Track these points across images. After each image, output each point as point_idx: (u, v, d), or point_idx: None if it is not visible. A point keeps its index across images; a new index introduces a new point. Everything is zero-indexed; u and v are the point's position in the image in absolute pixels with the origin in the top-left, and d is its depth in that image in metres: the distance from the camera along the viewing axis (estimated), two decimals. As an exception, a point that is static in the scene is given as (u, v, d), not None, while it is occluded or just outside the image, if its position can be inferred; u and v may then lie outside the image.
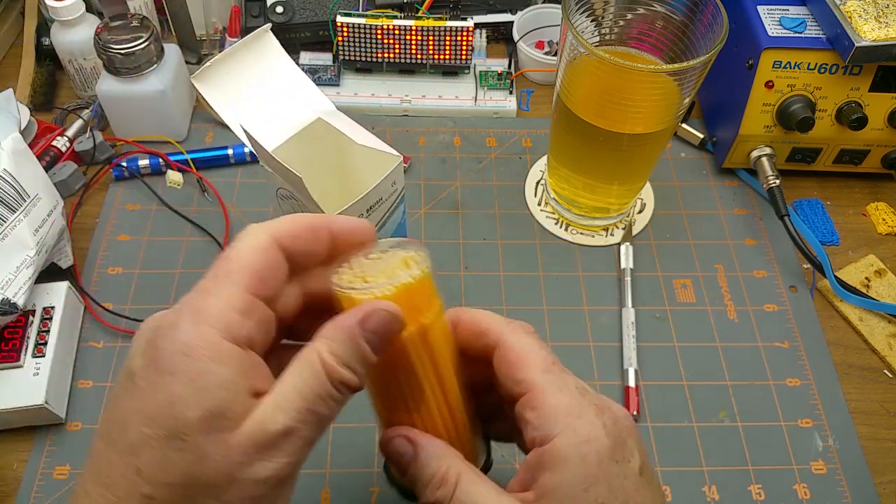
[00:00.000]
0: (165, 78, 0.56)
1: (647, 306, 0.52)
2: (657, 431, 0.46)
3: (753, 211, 0.58)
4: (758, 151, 0.56)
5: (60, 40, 0.58)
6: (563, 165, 0.53)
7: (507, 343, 0.30)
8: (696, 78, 0.44)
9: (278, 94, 0.42)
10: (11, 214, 0.45)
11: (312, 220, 0.29)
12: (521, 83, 0.66)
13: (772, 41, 0.52)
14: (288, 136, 0.42)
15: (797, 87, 0.53)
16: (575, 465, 0.28)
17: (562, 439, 0.28)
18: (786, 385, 0.49)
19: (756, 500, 0.44)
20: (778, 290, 0.53)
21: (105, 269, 0.52)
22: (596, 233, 0.56)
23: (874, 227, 0.58)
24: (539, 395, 0.29)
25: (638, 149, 0.49)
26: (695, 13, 0.45)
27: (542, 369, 0.30)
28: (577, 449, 0.28)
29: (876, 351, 0.51)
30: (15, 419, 0.44)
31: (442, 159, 0.60)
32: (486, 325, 0.31)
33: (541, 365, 0.30)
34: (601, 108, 0.47)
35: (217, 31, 0.64)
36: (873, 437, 0.47)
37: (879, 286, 0.54)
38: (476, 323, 0.31)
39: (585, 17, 0.48)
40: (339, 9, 0.62)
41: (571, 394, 0.29)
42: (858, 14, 0.50)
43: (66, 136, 0.58)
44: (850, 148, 0.57)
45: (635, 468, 0.29)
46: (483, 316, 0.31)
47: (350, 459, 0.44)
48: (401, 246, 0.29)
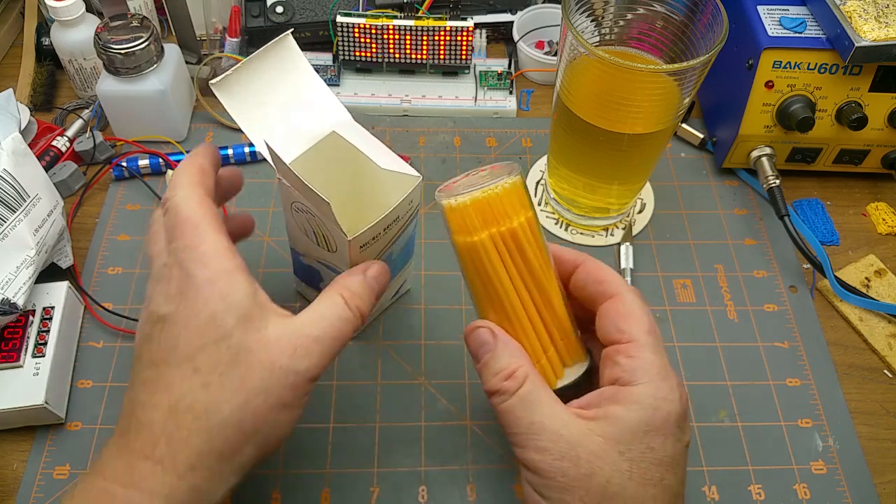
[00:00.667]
0: (165, 78, 0.56)
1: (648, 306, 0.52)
2: (657, 431, 0.46)
3: (753, 211, 0.58)
4: (758, 151, 0.56)
5: (60, 40, 0.58)
6: (563, 165, 0.53)
7: (624, 297, 0.36)
8: (696, 78, 0.44)
9: (298, 104, 0.41)
10: (11, 214, 0.45)
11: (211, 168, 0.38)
12: (521, 83, 0.66)
13: (772, 41, 0.52)
14: (304, 149, 0.41)
15: (797, 87, 0.53)
16: (645, 411, 0.32)
17: (644, 388, 0.33)
18: (786, 385, 0.49)
19: (756, 500, 0.44)
20: (778, 290, 0.53)
21: (105, 269, 0.52)
22: (596, 233, 0.56)
23: (874, 227, 0.58)
24: (637, 348, 0.34)
25: (638, 149, 0.49)
26: (695, 13, 0.45)
27: (647, 330, 0.35)
28: (654, 401, 0.33)
29: (876, 351, 0.51)
30: (15, 419, 0.44)
31: (442, 159, 0.60)
32: (606, 276, 0.36)
33: (646, 326, 0.35)
34: (601, 108, 0.47)
35: (217, 31, 0.64)
36: (873, 437, 0.47)
37: (879, 286, 0.54)
38: (598, 270, 0.37)
39: (585, 17, 0.48)
40: (339, 9, 0.62)
41: (664, 361, 0.34)
42: (858, 14, 0.50)
43: (66, 136, 0.58)
44: (850, 148, 0.57)
45: (686, 441, 0.34)
46: (605, 268, 0.37)
47: (350, 459, 0.45)
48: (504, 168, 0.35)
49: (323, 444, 0.45)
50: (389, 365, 0.48)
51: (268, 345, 0.32)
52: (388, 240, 0.41)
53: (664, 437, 0.32)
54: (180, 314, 0.32)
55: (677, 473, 0.33)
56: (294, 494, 0.43)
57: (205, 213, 0.34)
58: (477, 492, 0.44)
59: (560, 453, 0.32)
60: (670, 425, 0.32)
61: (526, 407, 0.33)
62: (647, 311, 0.35)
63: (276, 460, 0.44)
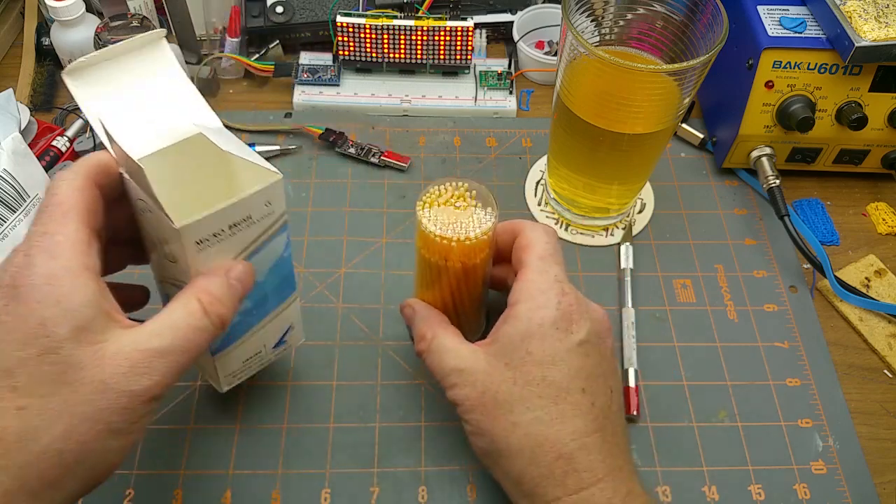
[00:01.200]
0: (165, 78, 0.56)
1: (647, 306, 0.52)
2: (657, 431, 0.46)
3: (753, 211, 0.58)
4: (758, 151, 0.56)
5: (60, 40, 0.58)
6: (563, 165, 0.53)
7: (525, 232, 0.40)
8: (696, 78, 0.44)
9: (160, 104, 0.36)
10: (11, 214, 0.45)
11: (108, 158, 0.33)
12: (521, 83, 0.66)
13: (772, 41, 0.52)
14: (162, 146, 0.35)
15: (797, 87, 0.53)
16: (521, 322, 0.37)
17: (523, 304, 0.37)
18: (786, 385, 0.49)
19: (756, 500, 0.44)
20: (778, 290, 0.53)
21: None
22: (596, 233, 0.56)
23: (874, 227, 0.58)
24: (524, 272, 0.38)
25: (638, 149, 0.49)
26: (695, 13, 0.45)
27: (539, 255, 0.38)
28: (528, 312, 0.37)
29: (876, 351, 0.51)
30: (15, 419, 0.44)
31: (442, 159, 0.60)
32: (520, 224, 0.41)
33: (539, 251, 0.38)
34: (601, 108, 0.47)
35: (217, 31, 0.64)
36: (873, 437, 0.47)
37: (879, 286, 0.54)
38: (517, 225, 0.41)
39: (585, 17, 0.48)
40: (339, 9, 0.62)
41: (547, 277, 0.38)
42: (858, 14, 0.50)
43: (66, 136, 0.58)
44: (850, 148, 0.57)
45: (575, 339, 0.37)
46: (524, 221, 0.41)
47: (350, 459, 0.45)
48: (483, 196, 0.40)
49: (323, 444, 0.45)
50: (389, 365, 0.48)
51: (102, 360, 0.28)
52: (241, 247, 0.35)
53: (541, 340, 0.36)
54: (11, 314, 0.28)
55: (561, 369, 0.36)
56: (294, 494, 0.43)
57: (79, 200, 0.30)
58: (477, 492, 0.44)
59: (463, 382, 0.37)
60: (546, 328, 0.36)
61: (438, 356, 0.39)
62: (545, 239, 0.39)
63: (275, 460, 0.44)
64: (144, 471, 0.43)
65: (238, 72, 0.65)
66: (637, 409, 0.47)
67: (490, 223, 0.40)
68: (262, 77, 0.64)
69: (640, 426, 0.47)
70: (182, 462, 0.44)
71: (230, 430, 0.45)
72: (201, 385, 0.47)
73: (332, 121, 0.61)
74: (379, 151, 0.59)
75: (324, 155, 0.60)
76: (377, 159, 0.59)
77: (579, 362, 0.36)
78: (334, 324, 0.50)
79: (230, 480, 0.43)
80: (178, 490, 0.43)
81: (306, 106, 0.63)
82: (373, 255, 0.54)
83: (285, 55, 0.65)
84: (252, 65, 0.63)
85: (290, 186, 0.57)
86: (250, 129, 0.61)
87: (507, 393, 0.36)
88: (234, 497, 0.43)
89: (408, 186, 0.58)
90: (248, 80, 0.66)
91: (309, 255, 0.53)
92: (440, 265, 0.40)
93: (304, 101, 0.63)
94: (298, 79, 0.63)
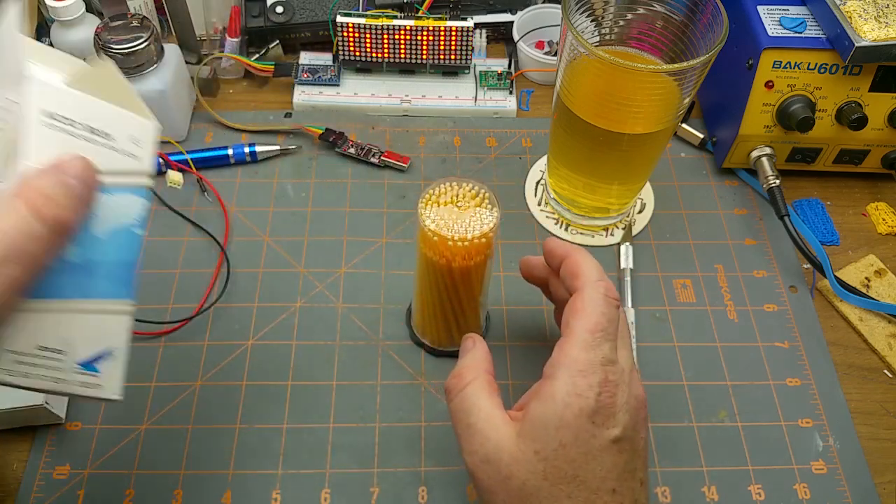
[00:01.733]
0: (165, 78, 0.56)
1: (647, 306, 0.52)
2: (657, 431, 0.46)
3: (753, 211, 0.58)
4: (758, 151, 0.56)
5: (60, 40, 0.58)
6: (563, 165, 0.53)
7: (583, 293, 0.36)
8: (696, 78, 0.44)
9: None
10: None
11: None
12: (521, 83, 0.66)
13: (772, 41, 0.52)
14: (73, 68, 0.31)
15: (797, 87, 0.53)
16: (556, 406, 0.33)
17: (560, 383, 0.33)
18: (786, 385, 0.49)
19: (756, 500, 0.44)
20: (778, 290, 0.53)
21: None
22: (596, 233, 0.56)
23: (874, 227, 0.58)
24: (568, 343, 0.35)
25: (638, 149, 0.49)
26: (695, 13, 0.45)
27: (589, 328, 0.35)
28: (566, 396, 0.33)
29: (876, 351, 0.51)
30: (15, 419, 0.44)
31: (442, 159, 0.60)
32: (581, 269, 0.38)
33: (591, 323, 0.35)
34: (601, 108, 0.47)
35: (217, 31, 0.64)
36: (873, 437, 0.47)
37: (879, 286, 0.54)
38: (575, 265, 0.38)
39: (585, 17, 0.48)
40: (339, 9, 0.62)
41: (593, 357, 0.34)
42: (858, 14, 0.50)
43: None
44: (850, 148, 0.57)
45: (611, 435, 0.33)
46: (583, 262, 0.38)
47: (350, 459, 0.45)
48: (487, 197, 0.40)
49: (323, 444, 0.45)
50: (389, 365, 0.48)
51: None
52: None
53: (576, 433, 0.33)
54: None
55: (594, 469, 0.33)
56: (294, 494, 0.43)
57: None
58: (477, 492, 0.44)
59: (486, 456, 0.34)
60: (582, 420, 0.33)
61: (465, 408, 0.35)
62: (601, 309, 0.35)
63: (275, 460, 0.44)
64: (144, 471, 0.43)
65: (238, 72, 0.65)
66: (637, 409, 0.47)
67: (491, 223, 0.40)
68: (262, 77, 0.64)
69: (640, 426, 0.47)
70: (182, 462, 0.44)
71: (230, 430, 0.45)
72: (201, 385, 0.47)
73: (332, 121, 0.61)
74: (379, 151, 0.59)
75: (324, 155, 0.60)
76: (377, 159, 0.59)
77: (612, 460, 0.34)
78: (334, 324, 0.50)
79: (230, 480, 0.43)
80: (178, 490, 0.43)
81: (306, 106, 0.63)
82: (373, 255, 0.54)
83: (285, 55, 0.65)
84: (252, 65, 0.63)
85: (290, 186, 0.58)
86: (250, 129, 0.61)
87: (535, 487, 0.33)
88: (234, 497, 0.43)
89: (408, 186, 0.58)
90: (248, 80, 0.66)
91: (309, 255, 0.53)
92: (441, 264, 0.41)
93: (304, 101, 0.63)
94: (298, 79, 0.63)
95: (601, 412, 0.33)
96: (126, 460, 0.44)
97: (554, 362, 0.35)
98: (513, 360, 0.49)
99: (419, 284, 0.45)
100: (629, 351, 0.37)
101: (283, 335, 0.49)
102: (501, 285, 0.52)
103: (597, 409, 0.33)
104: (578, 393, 0.33)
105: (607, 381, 0.34)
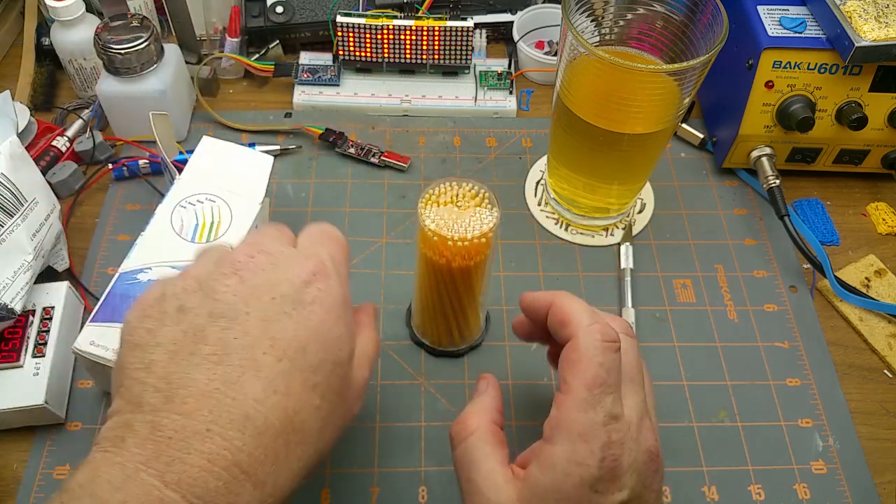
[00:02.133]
0: (165, 78, 0.56)
1: (647, 306, 0.52)
2: (657, 431, 0.46)
3: (753, 211, 0.58)
4: (758, 151, 0.56)
5: (60, 40, 0.58)
6: (563, 165, 0.53)
7: (578, 342, 0.33)
8: (696, 78, 0.44)
9: None
10: (9, 219, 0.45)
11: None
12: (521, 83, 0.66)
13: (772, 41, 0.52)
14: None
15: (797, 87, 0.53)
16: (556, 476, 0.31)
17: (561, 449, 0.31)
18: (786, 385, 0.49)
19: (756, 500, 0.44)
20: (778, 290, 0.53)
21: (105, 269, 0.52)
22: (596, 233, 0.56)
23: (874, 227, 0.58)
24: (567, 402, 0.32)
25: (638, 149, 0.49)
26: (695, 13, 0.45)
27: (587, 383, 0.32)
28: (566, 465, 0.31)
29: (876, 351, 0.51)
30: (15, 419, 0.44)
31: (442, 159, 0.60)
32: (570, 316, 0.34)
33: (588, 378, 0.32)
34: (601, 108, 0.47)
35: (217, 31, 0.64)
36: (873, 437, 0.47)
37: (879, 286, 0.54)
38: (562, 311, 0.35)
39: (585, 17, 0.48)
40: (339, 9, 0.62)
41: (594, 416, 0.31)
42: (858, 14, 0.50)
43: (66, 136, 0.58)
44: (850, 148, 0.57)
45: (615, 500, 0.31)
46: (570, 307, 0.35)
47: (350, 459, 0.45)
48: (486, 197, 0.41)
49: (323, 444, 0.45)
50: (390, 365, 0.48)
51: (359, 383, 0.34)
52: None
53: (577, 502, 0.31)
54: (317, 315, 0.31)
55: None
56: (294, 494, 0.43)
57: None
58: (477, 492, 0.44)
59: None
60: (584, 490, 0.31)
61: (467, 460, 0.34)
62: (598, 359, 0.32)
63: (276, 460, 0.44)
64: (144, 471, 0.43)
65: (238, 72, 0.65)
66: (637, 409, 0.47)
67: (491, 223, 0.40)
68: (262, 77, 0.64)
69: (640, 426, 0.47)
70: (182, 462, 0.44)
71: (230, 430, 0.45)
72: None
73: (332, 121, 0.61)
74: (379, 151, 0.59)
75: (324, 155, 0.60)
76: (377, 159, 0.59)
77: None
78: (334, 324, 0.50)
79: (230, 480, 0.43)
80: (178, 490, 0.43)
81: (306, 106, 0.63)
82: (373, 255, 0.54)
83: (285, 55, 0.65)
84: (252, 65, 0.63)
85: (291, 186, 0.58)
86: (250, 129, 0.61)
87: None
88: (234, 497, 0.43)
89: (408, 186, 0.58)
90: (248, 80, 0.66)
91: (309, 255, 0.53)
92: (441, 264, 0.41)
93: (304, 101, 0.63)
94: (298, 79, 0.63)
95: (605, 479, 0.31)
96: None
97: (552, 423, 0.32)
98: (513, 360, 0.49)
99: (419, 284, 0.45)
100: (640, 395, 0.34)
101: (283, 335, 0.49)
102: (501, 285, 0.52)
103: (599, 476, 0.30)
104: (579, 461, 0.31)
105: (611, 444, 0.31)
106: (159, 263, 0.45)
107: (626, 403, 0.32)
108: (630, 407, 0.33)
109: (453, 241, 0.39)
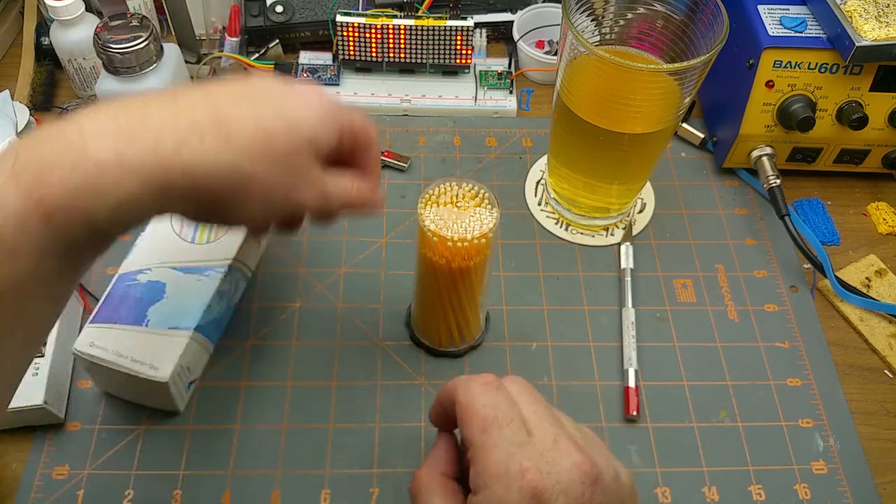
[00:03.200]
0: (165, 78, 0.56)
1: (648, 306, 0.52)
2: (657, 431, 0.46)
3: (754, 211, 0.58)
4: (758, 151, 0.56)
5: (60, 40, 0.58)
6: (563, 165, 0.53)
7: (459, 399, 0.34)
8: (696, 78, 0.44)
9: None
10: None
11: None
12: (521, 83, 0.66)
13: (772, 41, 0.51)
14: None
15: (798, 86, 0.53)
16: None
17: (481, 498, 0.31)
18: (786, 385, 0.49)
19: (756, 501, 0.44)
20: (778, 290, 0.53)
21: (105, 269, 0.52)
22: (596, 233, 0.56)
23: (875, 227, 0.58)
24: (476, 453, 0.32)
25: (638, 149, 0.49)
26: (695, 13, 0.45)
27: (481, 427, 0.32)
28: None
29: (876, 351, 0.51)
30: (14, 419, 0.44)
31: (442, 159, 0.60)
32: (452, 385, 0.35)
33: (479, 423, 0.32)
34: (601, 108, 0.47)
35: (217, 31, 0.64)
36: (874, 437, 0.47)
37: (880, 286, 0.54)
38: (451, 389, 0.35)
39: (585, 16, 0.48)
40: (339, 9, 0.62)
41: (498, 453, 0.31)
42: (859, 14, 0.50)
43: (66, 136, 0.58)
44: (850, 148, 0.56)
45: None
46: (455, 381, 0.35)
47: (350, 459, 0.44)
48: (486, 198, 0.41)
49: (323, 445, 0.45)
50: (389, 365, 0.48)
51: None
52: None
53: None
54: None
55: None
56: (294, 494, 0.43)
57: None
58: (477, 492, 0.44)
59: None
60: None
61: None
62: (480, 402, 0.33)
63: (275, 460, 0.44)
64: (144, 471, 0.43)
65: (238, 71, 0.65)
66: (637, 409, 0.47)
67: (491, 223, 0.40)
68: (261, 77, 0.64)
69: (640, 426, 0.46)
70: (182, 462, 0.44)
71: (230, 430, 0.45)
72: (201, 385, 0.47)
73: (331, 120, 0.61)
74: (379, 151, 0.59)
75: (324, 155, 0.60)
76: (377, 159, 0.59)
77: None
78: (334, 324, 0.50)
79: (230, 480, 0.43)
80: (178, 490, 0.43)
81: (306, 106, 0.63)
82: (373, 255, 0.54)
83: (285, 55, 0.65)
84: (252, 64, 0.63)
85: (290, 186, 0.57)
86: (250, 128, 0.61)
87: None
88: (234, 497, 0.43)
89: (408, 186, 0.58)
90: (247, 79, 0.65)
91: (309, 255, 0.53)
92: (440, 265, 0.40)
93: (303, 101, 0.62)
94: (298, 78, 0.63)
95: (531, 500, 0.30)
96: (125, 461, 0.44)
97: (472, 479, 0.32)
98: (513, 360, 0.49)
99: (419, 284, 0.45)
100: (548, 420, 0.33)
101: (283, 335, 0.49)
102: (501, 285, 0.52)
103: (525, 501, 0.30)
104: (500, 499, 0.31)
105: (523, 472, 0.31)
106: (159, 264, 0.45)
107: (533, 431, 0.32)
108: (544, 428, 0.33)
109: (453, 241, 0.39)
